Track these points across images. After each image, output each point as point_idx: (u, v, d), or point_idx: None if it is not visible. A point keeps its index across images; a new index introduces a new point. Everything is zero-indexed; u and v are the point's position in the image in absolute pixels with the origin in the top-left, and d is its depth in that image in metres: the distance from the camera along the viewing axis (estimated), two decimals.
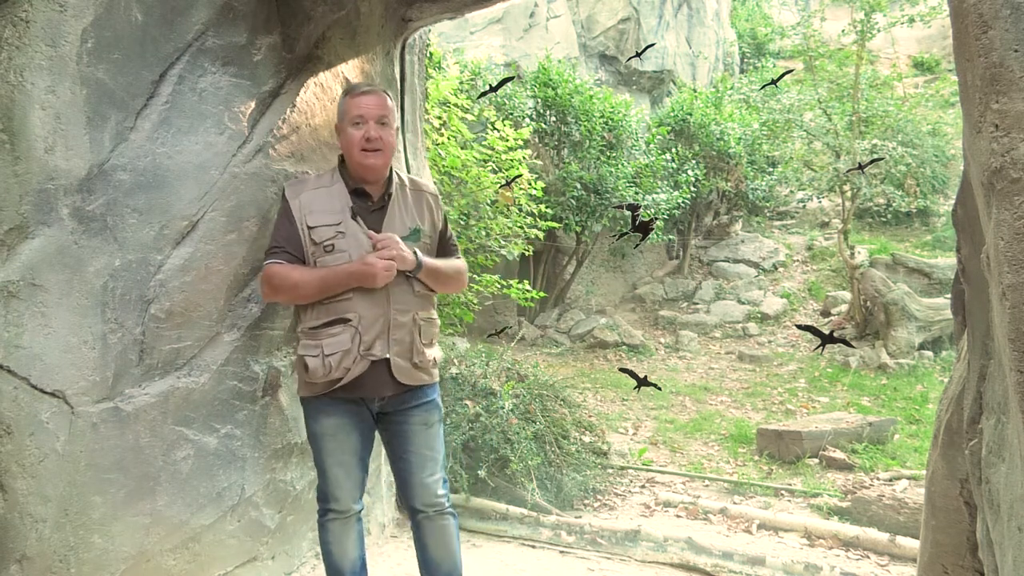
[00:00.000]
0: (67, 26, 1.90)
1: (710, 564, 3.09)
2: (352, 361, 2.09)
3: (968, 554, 1.70)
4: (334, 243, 2.11)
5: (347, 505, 2.23)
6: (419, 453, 2.23)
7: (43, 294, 1.90)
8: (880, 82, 9.63)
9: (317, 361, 2.09)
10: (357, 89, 2.22)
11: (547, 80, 8.16)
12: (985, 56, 1.24)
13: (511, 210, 5.33)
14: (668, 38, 11.40)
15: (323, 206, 2.15)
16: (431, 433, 2.25)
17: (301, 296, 2.13)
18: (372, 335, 2.11)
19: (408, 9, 3.07)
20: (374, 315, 2.11)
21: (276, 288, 2.13)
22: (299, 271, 2.11)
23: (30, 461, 1.90)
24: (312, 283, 2.09)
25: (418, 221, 2.25)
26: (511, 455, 3.73)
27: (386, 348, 2.12)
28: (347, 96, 2.21)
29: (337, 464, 2.19)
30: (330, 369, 2.08)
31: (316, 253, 2.12)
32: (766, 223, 11.28)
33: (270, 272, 2.12)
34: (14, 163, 1.83)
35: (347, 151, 2.19)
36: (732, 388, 6.94)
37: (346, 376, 2.09)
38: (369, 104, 2.15)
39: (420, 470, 2.23)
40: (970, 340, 1.67)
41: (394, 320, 2.13)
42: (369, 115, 2.14)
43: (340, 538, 2.26)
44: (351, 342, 2.09)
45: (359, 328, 2.09)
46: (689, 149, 9.44)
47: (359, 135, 2.13)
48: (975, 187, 1.40)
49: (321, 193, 2.18)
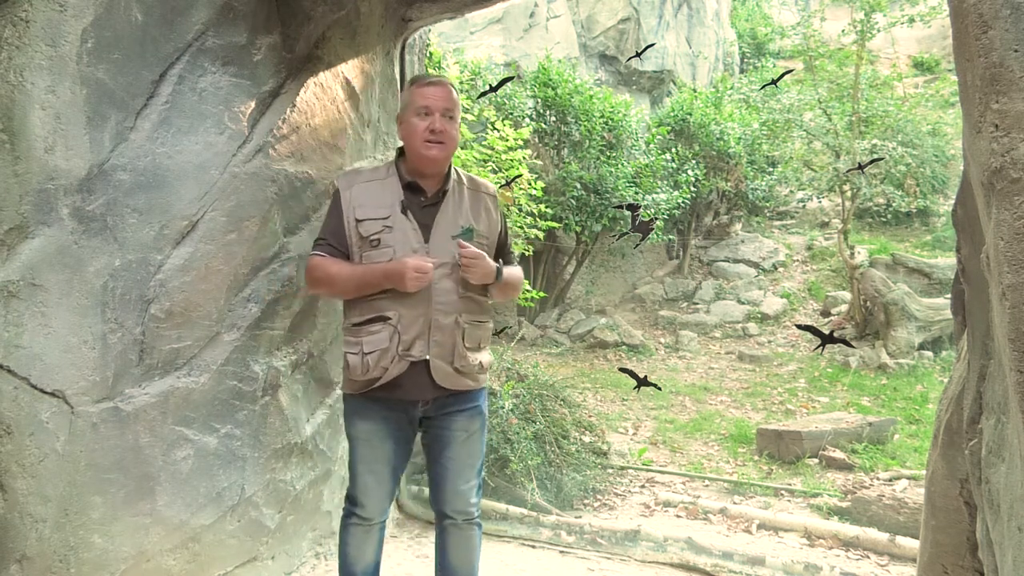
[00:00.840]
0: (67, 26, 1.90)
1: (710, 564, 3.09)
2: (390, 361, 2.03)
3: (968, 554, 1.70)
4: (380, 237, 2.05)
5: (373, 513, 2.17)
6: (457, 459, 2.16)
7: (43, 294, 1.90)
8: (880, 82, 9.63)
9: (357, 359, 2.05)
10: (424, 79, 2.14)
11: (547, 80, 8.16)
12: (985, 56, 1.24)
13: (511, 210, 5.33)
14: (668, 38, 11.40)
15: (373, 199, 2.09)
16: (472, 440, 2.18)
17: (338, 291, 2.10)
18: (411, 335, 2.04)
19: (408, 9, 3.07)
20: (414, 315, 2.04)
21: (315, 280, 2.11)
22: (337, 265, 2.06)
23: (30, 461, 1.90)
24: (348, 279, 2.05)
25: (472, 221, 2.15)
26: (511, 455, 3.73)
27: (426, 349, 2.05)
28: (413, 86, 2.14)
29: (368, 471, 2.13)
30: (368, 368, 2.03)
31: (362, 247, 2.06)
32: (766, 223, 11.28)
33: (311, 264, 2.10)
34: (14, 163, 1.83)
35: (408, 141, 2.11)
36: (732, 388, 6.94)
37: (384, 376, 2.03)
38: (436, 95, 2.08)
39: (456, 477, 2.17)
40: (970, 340, 1.67)
41: (435, 321, 2.06)
42: (435, 107, 2.07)
43: (360, 543, 2.20)
44: (389, 341, 2.03)
45: (398, 327, 2.03)
46: (689, 149, 9.44)
47: (423, 125, 2.06)
48: (975, 187, 1.40)
49: (373, 186, 2.12)
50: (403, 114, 2.16)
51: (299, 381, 2.70)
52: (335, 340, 2.86)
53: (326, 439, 2.86)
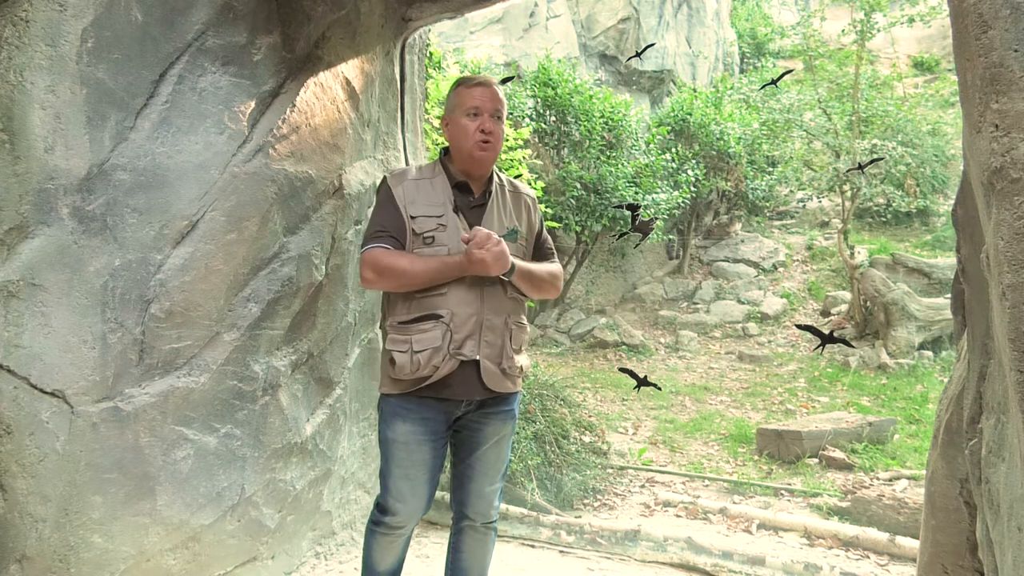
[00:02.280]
0: (67, 26, 1.90)
1: (710, 564, 3.09)
2: (441, 359, 1.99)
3: (968, 554, 1.70)
4: (435, 235, 2.03)
5: (403, 522, 2.09)
6: (485, 462, 2.15)
7: (43, 294, 1.90)
8: (880, 82, 9.64)
9: (405, 357, 1.99)
10: (472, 80, 2.14)
11: (547, 80, 8.16)
12: (985, 56, 1.24)
13: None
14: (668, 38, 11.40)
15: (426, 198, 2.07)
16: (502, 444, 2.18)
17: (407, 284, 2.01)
18: (463, 334, 2.01)
19: (408, 9, 3.07)
20: (467, 314, 2.02)
21: (382, 272, 2.00)
22: (408, 257, 2.01)
23: (30, 461, 1.90)
24: (422, 271, 1.99)
25: (515, 222, 2.18)
26: (511, 455, 3.73)
27: (476, 349, 2.03)
28: (461, 87, 2.13)
29: (403, 477, 2.05)
30: (419, 366, 1.98)
31: (415, 244, 2.03)
32: (766, 223, 11.28)
33: (375, 255, 2.00)
34: (14, 163, 1.83)
35: (458, 141, 2.10)
36: (732, 388, 6.94)
37: (434, 375, 1.99)
38: (485, 96, 2.08)
39: (482, 479, 2.16)
40: (970, 340, 1.67)
41: (487, 321, 2.04)
42: (485, 107, 2.07)
43: (384, 548, 2.13)
44: (442, 339, 1.99)
45: (451, 326, 2.00)
46: (689, 149, 9.44)
47: (474, 126, 2.06)
48: (975, 187, 1.40)
49: (424, 184, 2.11)
50: (451, 115, 2.13)
51: (299, 381, 2.70)
52: (335, 340, 2.86)
53: (326, 439, 2.86)
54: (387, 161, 3.14)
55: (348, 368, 2.96)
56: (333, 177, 2.76)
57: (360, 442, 3.11)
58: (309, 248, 2.63)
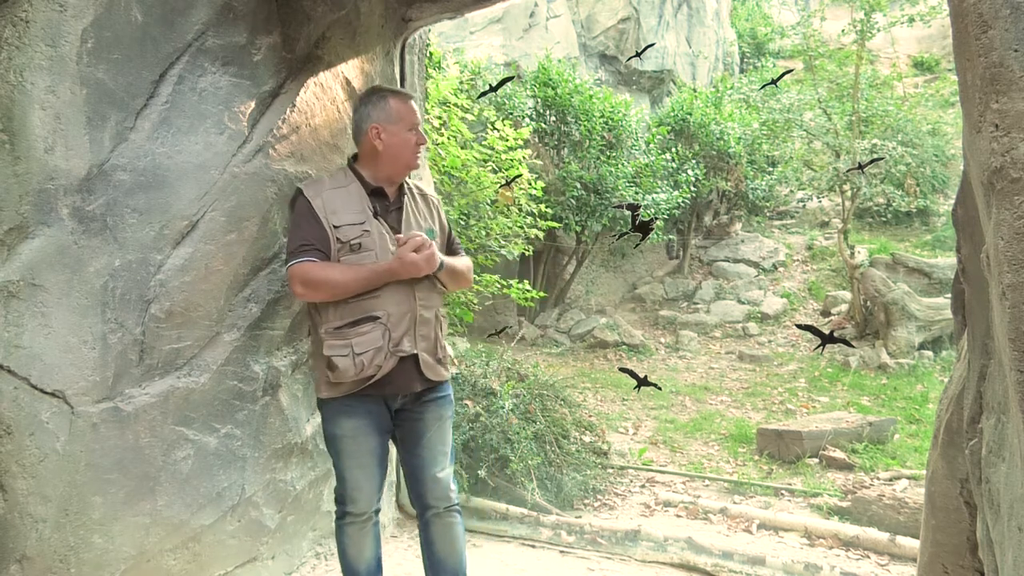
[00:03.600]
0: (67, 26, 1.90)
1: (710, 564, 3.09)
2: (383, 358, 2.11)
3: (968, 554, 1.70)
4: (361, 241, 2.14)
5: (365, 507, 2.23)
6: (432, 448, 2.25)
7: (43, 294, 1.90)
8: (880, 82, 9.64)
9: (347, 360, 2.08)
10: (404, 94, 2.29)
11: (547, 80, 8.16)
12: (985, 56, 1.24)
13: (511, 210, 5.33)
14: (668, 38, 11.40)
15: (346, 206, 2.17)
16: (444, 427, 2.28)
17: (339, 293, 2.11)
18: (400, 332, 2.14)
19: (408, 9, 3.07)
20: (401, 312, 2.14)
21: (314, 286, 2.09)
22: (337, 269, 2.11)
23: (30, 461, 1.90)
24: (352, 280, 2.09)
25: (430, 222, 2.32)
26: (511, 455, 3.73)
27: (414, 344, 2.16)
28: (397, 100, 2.24)
29: (357, 467, 2.18)
30: (362, 367, 2.09)
31: (342, 251, 2.13)
32: (766, 223, 11.28)
33: (304, 269, 2.09)
34: (14, 163, 1.83)
35: (397, 152, 2.22)
36: (732, 388, 6.94)
37: (377, 373, 2.11)
38: (416, 111, 2.27)
39: (433, 464, 2.25)
40: (970, 340, 1.67)
41: (420, 316, 2.18)
42: (417, 121, 2.27)
43: (357, 541, 2.26)
44: (382, 339, 2.11)
45: (388, 325, 2.12)
46: (689, 149, 9.44)
47: (414, 139, 2.23)
48: (975, 187, 1.40)
49: (341, 193, 2.19)
50: (393, 126, 2.22)
51: (299, 381, 2.70)
52: None
53: None
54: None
55: None
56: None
57: None
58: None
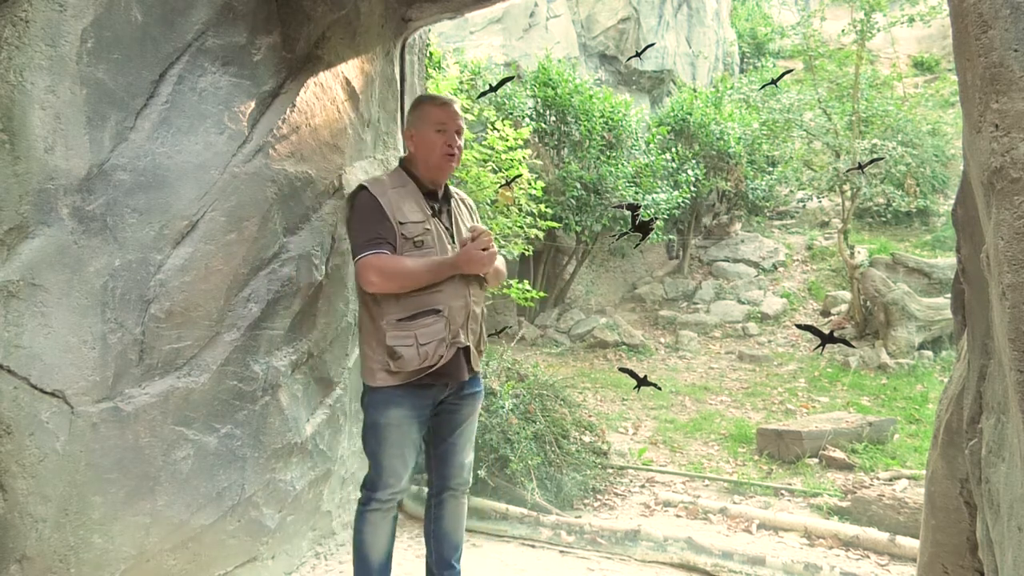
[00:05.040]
0: (67, 26, 1.90)
1: (710, 564, 3.09)
2: (445, 348, 2.24)
3: (968, 554, 1.70)
4: (423, 239, 2.26)
5: (396, 495, 2.33)
6: (463, 437, 2.44)
7: (43, 294, 1.90)
8: (880, 82, 9.64)
9: (412, 350, 2.19)
10: (438, 99, 2.41)
11: (547, 80, 8.16)
12: (985, 56, 1.24)
13: (511, 210, 5.33)
14: (668, 38, 11.40)
15: (407, 205, 2.28)
16: (474, 421, 2.49)
17: (411, 284, 2.20)
18: (457, 324, 2.28)
19: (408, 9, 3.07)
20: (459, 306, 2.28)
21: (390, 276, 2.18)
22: (411, 260, 2.21)
23: (30, 461, 1.90)
24: (424, 272, 2.20)
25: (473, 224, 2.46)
26: (511, 455, 3.73)
27: (467, 336, 2.31)
28: (427, 104, 2.37)
29: (397, 455, 2.28)
30: (426, 357, 2.21)
31: (406, 248, 2.23)
32: (766, 223, 11.28)
33: (381, 260, 2.18)
34: (14, 163, 1.83)
35: (426, 153, 2.32)
36: (732, 388, 6.94)
37: (439, 363, 2.23)
38: (451, 115, 2.34)
39: (462, 451, 2.44)
40: (970, 340, 1.67)
41: (472, 311, 2.33)
42: (451, 125, 2.32)
43: (376, 529, 2.33)
44: (445, 331, 2.24)
45: (448, 318, 2.25)
46: (689, 149, 9.44)
47: (442, 140, 2.30)
48: (975, 187, 1.40)
49: (402, 192, 2.30)
50: (419, 129, 2.34)
51: (299, 381, 2.70)
52: (335, 340, 2.86)
53: (326, 439, 2.86)
54: (387, 161, 3.14)
55: (348, 368, 2.96)
56: (333, 177, 2.76)
57: (360, 442, 3.10)
58: (309, 248, 2.64)
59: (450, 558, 2.47)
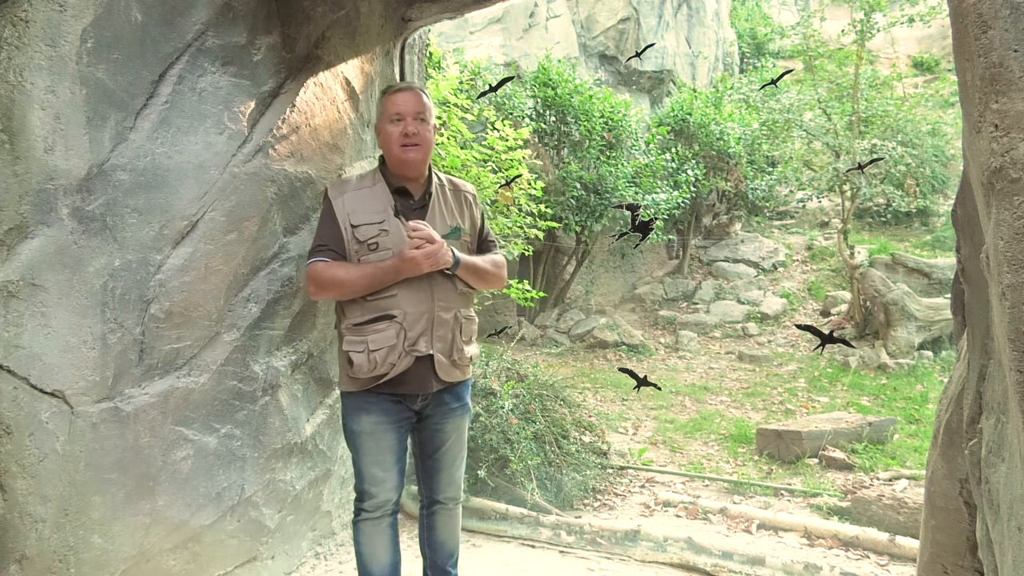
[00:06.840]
0: (67, 26, 1.90)
1: (710, 564, 3.09)
2: (397, 357, 2.12)
3: (968, 554, 1.70)
4: (378, 241, 2.15)
5: (382, 503, 2.22)
6: (449, 454, 2.33)
7: (43, 294, 1.90)
8: (880, 82, 9.63)
9: (362, 357, 2.11)
10: (394, 87, 2.27)
11: (547, 80, 8.16)
12: (985, 56, 1.24)
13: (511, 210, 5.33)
14: (668, 38, 11.40)
15: (366, 206, 2.19)
16: (462, 436, 2.37)
17: (347, 292, 2.14)
18: (417, 331, 2.14)
19: (408, 9, 3.07)
20: (418, 312, 2.14)
21: (322, 285, 2.15)
22: (344, 268, 2.13)
23: (30, 461, 1.90)
24: (358, 279, 2.11)
25: (458, 220, 2.29)
26: (511, 455, 3.73)
27: (430, 344, 2.16)
28: (384, 95, 2.27)
29: (374, 463, 2.20)
30: (375, 365, 2.11)
31: (360, 251, 2.15)
32: (766, 223, 11.28)
33: (315, 270, 2.15)
34: (14, 163, 1.83)
35: (386, 147, 2.23)
36: (732, 388, 6.94)
37: (391, 372, 2.12)
38: (406, 100, 2.20)
39: (449, 468, 2.35)
40: (970, 340, 1.67)
41: (438, 317, 2.17)
42: (406, 111, 2.19)
43: (371, 539, 2.25)
44: (396, 338, 2.12)
45: (404, 324, 2.13)
46: (689, 149, 9.44)
47: (397, 131, 2.18)
48: (975, 187, 1.40)
49: (364, 193, 2.22)
50: (378, 124, 2.27)
51: (299, 381, 2.70)
52: (335, 340, 2.86)
53: (326, 439, 2.86)
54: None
55: None
56: (333, 177, 2.76)
57: None
58: (309, 248, 2.63)
59: (445, 564, 2.42)
